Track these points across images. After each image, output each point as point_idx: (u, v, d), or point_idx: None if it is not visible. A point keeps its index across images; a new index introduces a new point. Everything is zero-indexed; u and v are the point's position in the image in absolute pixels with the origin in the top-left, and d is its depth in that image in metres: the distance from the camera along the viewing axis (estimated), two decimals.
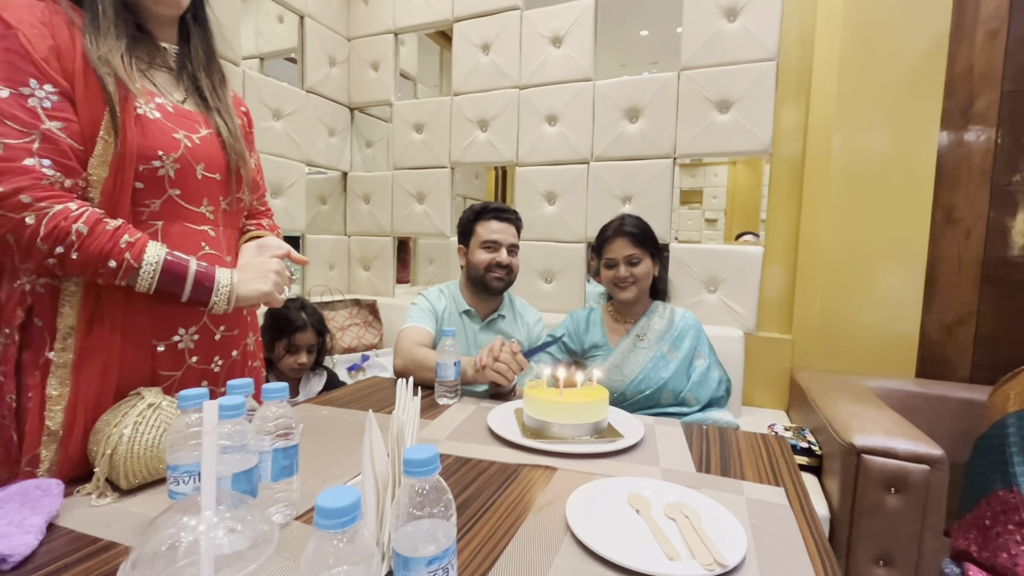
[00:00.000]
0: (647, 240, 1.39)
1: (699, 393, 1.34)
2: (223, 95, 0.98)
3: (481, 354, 1.14)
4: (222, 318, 0.90)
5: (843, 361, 1.76)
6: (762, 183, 4.66)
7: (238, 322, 0.95)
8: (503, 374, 1.10)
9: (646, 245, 1.38)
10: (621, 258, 1.37)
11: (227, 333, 0.92)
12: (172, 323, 0.84)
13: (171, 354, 0.84)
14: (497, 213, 1.45)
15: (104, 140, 0.75)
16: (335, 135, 2.50)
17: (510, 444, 0.88)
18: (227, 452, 0.56)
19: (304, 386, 1.59)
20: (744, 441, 0.96)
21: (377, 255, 2.54)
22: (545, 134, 2.13)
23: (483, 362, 1.13)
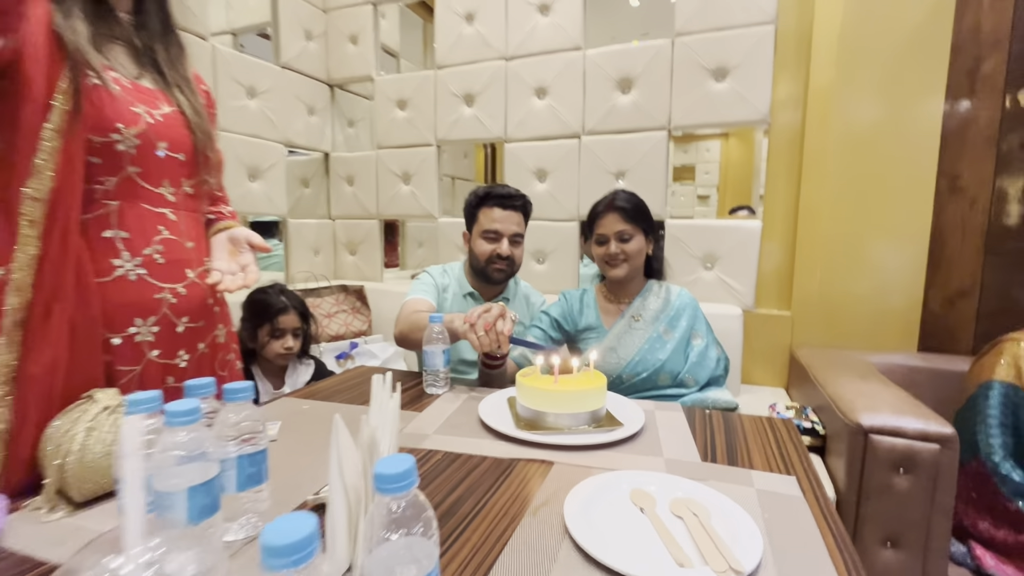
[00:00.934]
0: (639, 215, 1.32)
1: (697, 374, 1.29)
2: (183, 69, 0.91)
3: (473, 313, 1.05)
4: (184, 307, 0.84)
5: (844, 337, 1.72)
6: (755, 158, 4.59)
7: (204, 313, 0.89)
8: (481, 343, 1.02)
9: (638, 221, 1.32)
10: (612, 234, 1.31)
11: (191, 324, 0.86)
12: (126, 313, 0.78)
13: (128, 348, 0.78)
14: (501, 200, 1.37)
15: (60, 107, 0.70)
16: (315, 114, 2.39)
17: (503, 437, 0.83)
18: (183, 462, 0.50)
19: (291, 376, 1.52)
20: (750, 426, 0.91)
21: (363, 239, 2.46)
22: (534, 108, 2.04)
23: (472, 319, 1.04)
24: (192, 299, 0.86)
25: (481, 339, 1.02)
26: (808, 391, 1.45)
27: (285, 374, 1.52)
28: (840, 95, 1.68)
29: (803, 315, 1.76)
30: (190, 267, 0.86)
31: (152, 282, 0.80)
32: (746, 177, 4.78)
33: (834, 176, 1.70)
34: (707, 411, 0.98)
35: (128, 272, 0.78)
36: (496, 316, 1.03)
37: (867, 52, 1.66)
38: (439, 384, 1.08)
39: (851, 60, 1.67)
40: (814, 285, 1.74)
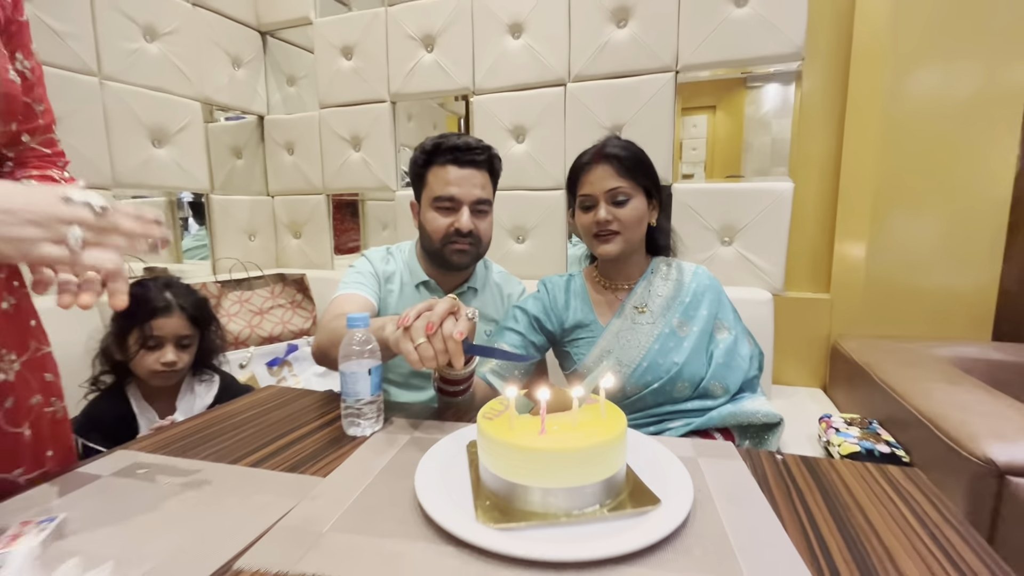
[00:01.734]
0: (639, 169, 0.96)
1: (727, 378, 0.95)
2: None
3: (408, 314, 0.66)
4: None
5: (896, 324, 1.39)
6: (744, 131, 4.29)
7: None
8: (422, 357, 0.65)
9: (637, 176, 0.96)
10: (602, 194, 0.95)
11: None
12: None
13: None
14: (457, 155, 1.00)
15: None
16: (242, 67, 1.96)
17: (455, 541, 0.46)
18: None
19: (184, 400, 1.13)
20: (857, 484, 0.57)
21: (308, 219, 2.05)
22: (508, 50, 1.65)
23: (406, 322, 0.66)
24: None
25: (421, 351, 0.64)
26: (868, 397, 1.12)
27: (176, 396, 1.13)
28: (900, 41, 1.33)
29: (846, 299, 1.43)
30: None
31: None
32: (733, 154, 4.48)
33: (888, 134, 1.35)
34: (780, 459, 0.63)
35: None
36: (442, 314, 0.66)
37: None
38: (363, 421, 0.70)
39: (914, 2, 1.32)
40: (859, 263, 1.41)
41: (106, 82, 1.48)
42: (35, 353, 0.67)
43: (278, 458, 0.64)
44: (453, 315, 0.67)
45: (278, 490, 0.56)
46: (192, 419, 0.79)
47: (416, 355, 0.64)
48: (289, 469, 0.61)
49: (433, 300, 0.69)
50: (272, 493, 0.55)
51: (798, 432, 1.19)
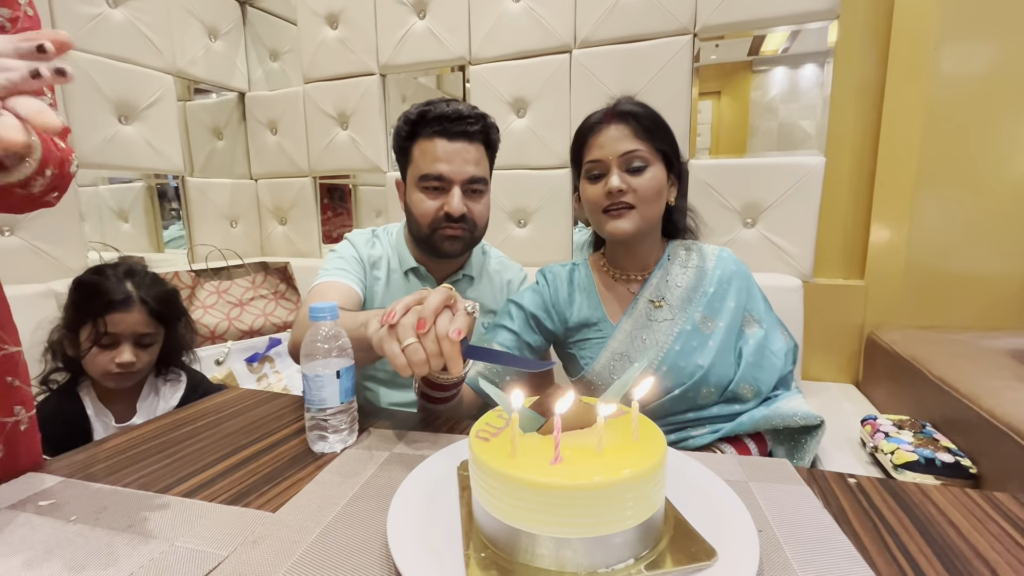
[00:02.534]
0: (658, 131, 0.82)
1: (758, 380, 0.81)
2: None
3: (395, 308, 0.54)
4: None
5: (939, 313, 1.26)
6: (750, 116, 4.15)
7: None
8: (411, 362, 0.52)
9: (655, 139, 0.81)
10: (615, 158, 0.80)
11: None
12: None
13: None
14: (445, 124, 0.85)
15: None
16: (219, 38, 1.81)
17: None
18: None
19: (146, 402, 1.00)
20: (961, 516, 0.44)
21: (294, 203, 1.91)
22: (507, 13, 1.50)
23: (392, 318, 0.53)
24: None
25: (410, 353, 0.51)
26: (917, 395, 0.99)
27: (137, 398, 1.00)
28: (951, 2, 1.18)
29: (882, 285, 1.29)
30: None
31: None
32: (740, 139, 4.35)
33: (933, 104, 1.21)
34: (854, 482, 0.50)
35: None
36: (436, 309, 0.53)
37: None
38: (331, 435, 0.57)
39: None
40: (898, 245, 1.27)
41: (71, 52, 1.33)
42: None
43: (221, 484, 0.51)
44: (449, 309, 0.54)
45: (212, 531, 0.43)
46: (128, 432, 0.66)
47: (403, 359, 0.51)
48: (231, 500, 0.48)
49: (424, 292, 0.55)
50: (203, 536, 0.42)
51: (835, 434, 1.06)
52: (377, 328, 0.55)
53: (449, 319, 0.53)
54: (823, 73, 1.32)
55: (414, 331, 0.52)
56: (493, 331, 0.90)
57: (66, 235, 1.33)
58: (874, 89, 1.28)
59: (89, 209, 1.91)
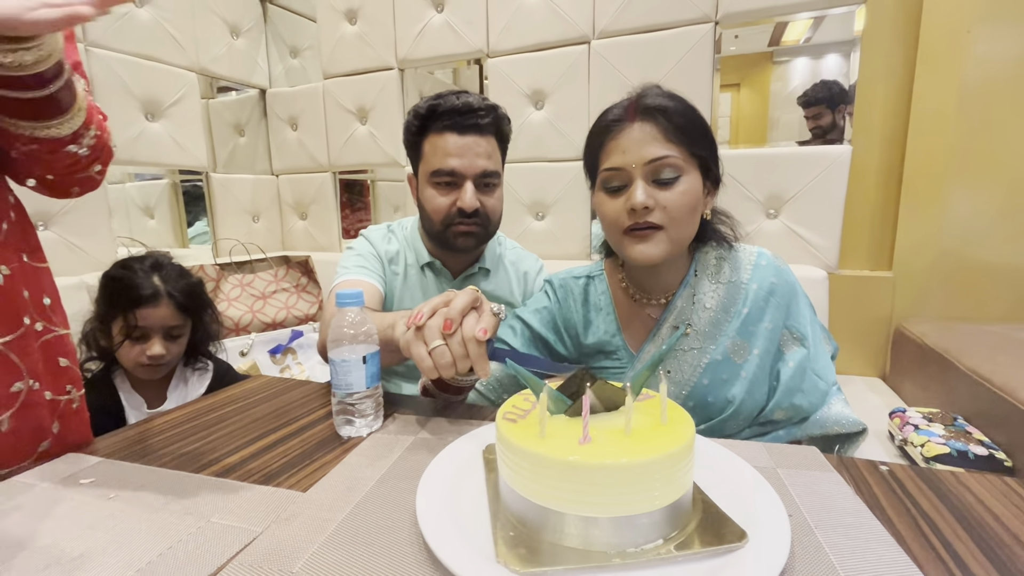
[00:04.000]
0: (695, 130, 0.67)
1: (798, 406, 0.71)
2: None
3: (422, 310, 0.54)
4: None
5: (970, 304, 1.23)
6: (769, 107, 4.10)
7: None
8: (437, 364, 0.52)
9: (693, 141, 0.66)
10: (640, 166, 0.65)
11: None
12: None
13: None
14: (456, 118, 0.83)
15: None
16: (241, 36, 1.84)
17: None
18: None
19: (176, 390, 1.03)
20: (996, 502, 0.43)
21: (314, 198, 1.94)
22: (525, 5, 1.49)
23: (419, 320, 0.53)
24: None
25: (436, 355, 0.52)
26: (948, 388, 0.97)
27: (168, 386, 1.03)
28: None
29: (911, 276, 1.26)
30: None
31: None
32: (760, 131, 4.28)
33: (965, 89, 1.17)
34: (886, 469, 0.49)
35: None
36: (462, 310, 0.53)
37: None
38: (358, 419, 0.58)
39: None
40: (929, 235, 1.24)
41: (91, 49, 1.37)
42: (43, 335, 0.58)
43: (252, 465, 0.53)
44: (475, 310, 0.54)
45: (245, 508, 0.44)
46: (163, 415, 0.68)
47: (430, 361, 0.52)
48: (263, 480, 0.49)
49: (451, 293, 0.55)
50: (237, 513, 0.44)
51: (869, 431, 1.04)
52: (404, 330, 0.55)
53: (475, 320, 0.53)
54: (847, 63, 1.29)
55: (441, 333, 0.52)
56: None
57: (96, 230, 1.37)
58: (903, 75, 1.25)
59: (117, 205, 1.95)
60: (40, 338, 0.58)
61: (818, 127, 1.36)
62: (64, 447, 0.58)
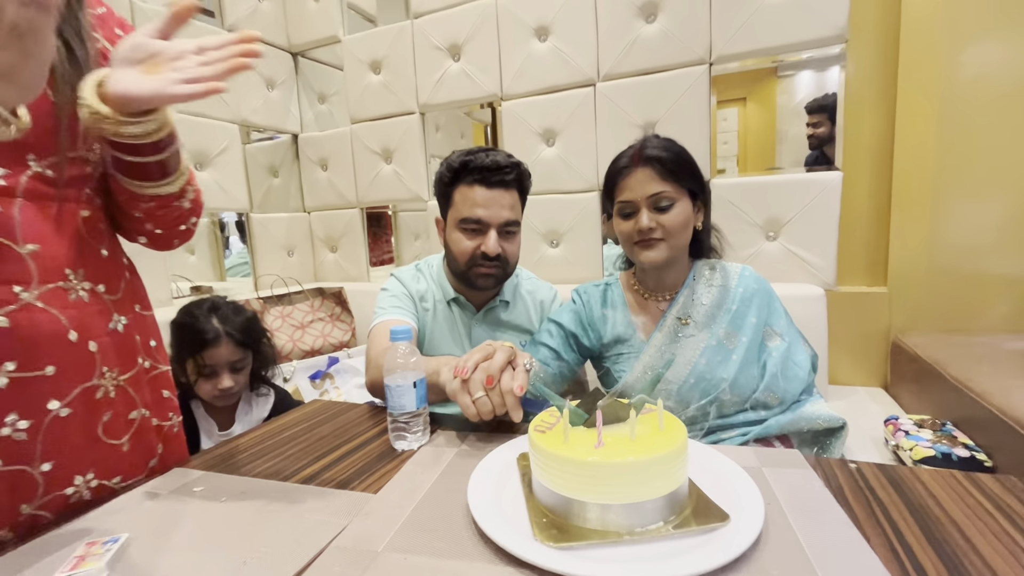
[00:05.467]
0: (683, 170, 0.90)
1: (782, 389, 0.88)
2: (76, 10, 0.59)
3: (467, 362, 0.67)
4: (3, 347, 0.53)
5: (962, 317, 1.30)
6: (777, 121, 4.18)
7: (52, 352, 0.57)
8: (480, 412, 0.66)
9: (681, 178, 0.89)
10: (643, 199, 0.89)
11: (23, 374, 0.55)
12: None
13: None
14: (485, 175, 0.95)
15: None
16: (275, 88, 2.02)
17: (513, 560, 0.45)
18: None
19: (243, 415, 1.16)
20: (946, 495, 0.52)
21: (344, 232, 2.09)
22: (535, 53, 1.64)
23: (465, 372, 0.66)
24: (24, 333, 0.54)
25: (479, 405, 0.65)
26: (938, 396, 1.05)
27: (236, 410, 1.16)
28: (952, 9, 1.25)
29: (905, 291, 1.34)
30: (23, 283, 0.55)
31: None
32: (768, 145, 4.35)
33: (945, 108, 1.27)
34: (854, 467, 0.59)
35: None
36: (501, 366, 0.65)
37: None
38: (411, 434, 0.70)
39: None
40: (919, 252, 1.32)
41: None
42: (150, 372, 0.70)
43: (328, 474, 0.64)
44: (511, 364, 0.66)
45: (331, 508, 0.56)
46: (242, 435, 0.80)
47: (474, 409, 0.65)
48: (339, 486, 0.61)
49: (490, 347, 0.68)
50: (325, 511, 0.55)
51: (861, 435, 1.12)
52: (450, 378, 0.68)
53: (511, 376, 0.65)
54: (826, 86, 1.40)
55: (483, 386, 0.64)
56: (533, 347, 1.00)
57: (153, 268, 1.52)
58: (887, 101, 1.35)
59: None
60: (148, 374, 0.71)
61: (815, 136, 1.47)
62: (167, 465, 0.70)
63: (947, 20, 1.25)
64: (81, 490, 0.60)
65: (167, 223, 0.70)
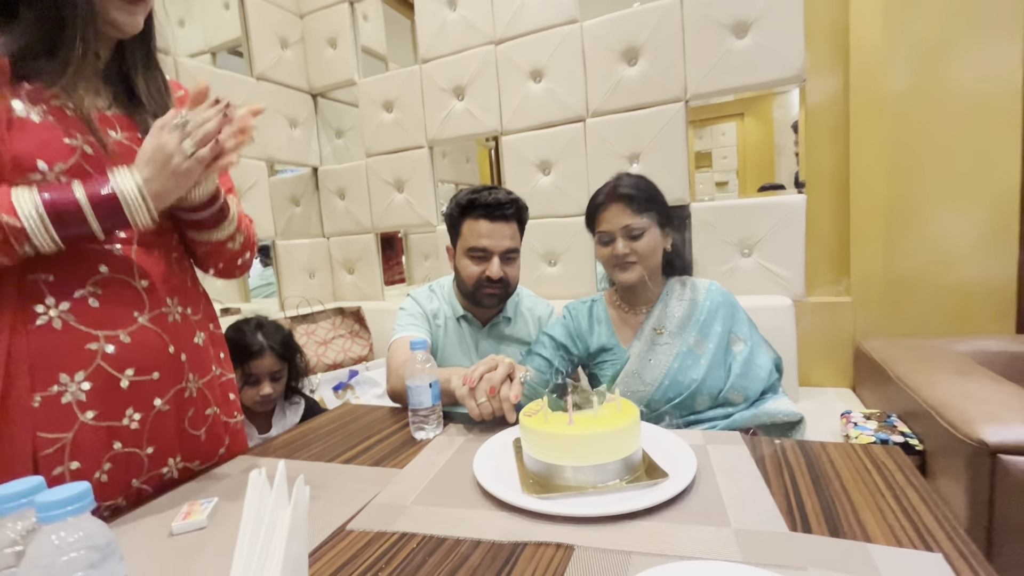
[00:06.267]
0: (650, 203, 1.06)
1: (746, 388, 1.03)
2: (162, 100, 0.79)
3: (474, 373, 0.85)
4: (129, 358, 0.69)
5: (919, 322, 1.44)
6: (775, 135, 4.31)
7: (159, 361, 0.73)
8: (483, 413, 0.84)
9: (650, 210, 1.06)
10: (617, 230, 1.05)
11: (139, 378, 0.71)
12: (50, 368, 0.65)
13: (53, 410, 0.65)
14: (488, 211, 1.12)
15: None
16: (298, 126, 2.23)
17: (506, 506, 0.61)
18: None
19: (278, 420, 1.33)
20: (841, 460, 0.67)
21: (360, 256, 2.27)
22: (531, 93, 1.83)
23: (472, 382, 0.84)
24: (140, 348, 0.71)
25: (483, 408, 0.83)
26: (887, 393, 1.19)
27: (272, 417, 1.33)
28: (892, 46, 1.42)
29: (866, 300, 1.49)
30: (139, 309, 0.71)
31: (82, 329, 0.67)
32: (767, 158, 4.48)
33: (890, 138, 1.44)
34: (777, 441, 0.74)
35: (53, 319, 0.65)
36: (502, 379, 0.83)
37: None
38: (428, 426, 0.86)
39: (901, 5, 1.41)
40: (877, 265, 1.47)
41: None
42: (220, 378, 0.86)
43: (362, 457, 0.80)
44: (509, 377, 0.84)
45: (368, 479, 0.72)
46: (289, 431, 0.97)
47: (479, 411, 0.83)
48: (373, 464, 0.77)
49: (493, 360, 0.85)
50: (364, 481, 0.71)
51: (823, 428, 1.26)
52: (459, 385, 0.86)
53: (508, 387, 0.83)
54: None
55: (486, 394, 0.82)
56: (530, 356, 1.16)
57: None
58: (842, 131, 1.51)
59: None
60: (219, 380, 0.88)
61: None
62: (232, 454, 0.87)
63: (887, 49, 1.42)
64: (172, 470, 0.77)
65: (225, 260, 0.87)
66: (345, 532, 0.59)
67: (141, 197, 0.63)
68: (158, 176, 0.63)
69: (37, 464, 0.65)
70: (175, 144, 0.63)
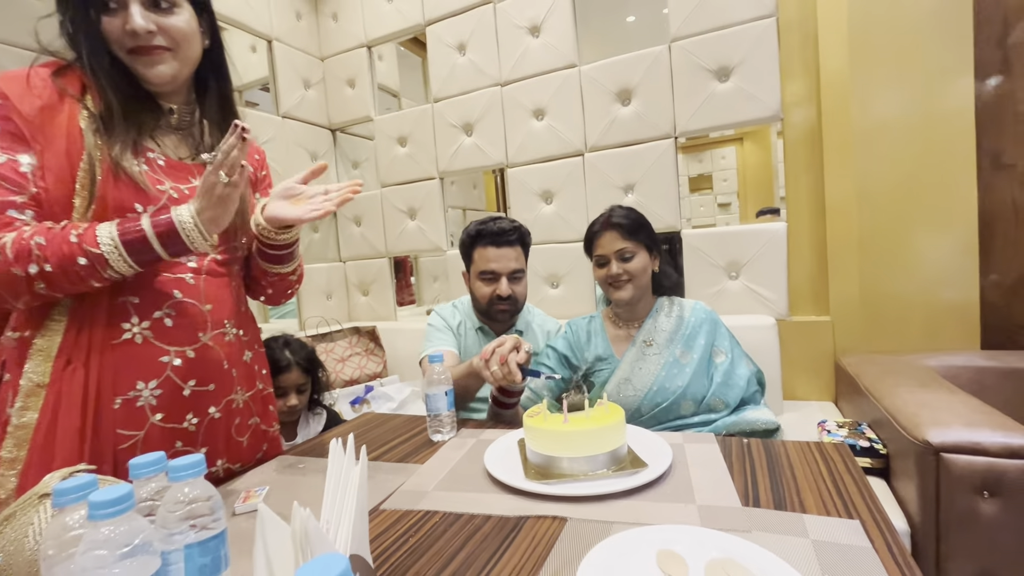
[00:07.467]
0: (639, 231, 1.22)
1: (726, 395, 1.16)
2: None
3: (486, 350, 1.00)
4: (192, 371, 0.82)
5: (893, 339, 1.56)
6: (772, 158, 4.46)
7: (216, 375, 0.86)
8: (494, 376, 0.98)
9: (638, 237, 1.22)
10: (611, 254, 1.21)
11: (199, 388, 0.83)
12: (129, 375, 0.78)
13: (130, 411, 0.77)
14: (494, 238, 1.31)
15: (81, 195, 0.74)
16: (317, 159, 2.40)
17: (510, 489, 0.73)
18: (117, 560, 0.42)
19: (302, 429, 1.45)
20: (797, 455, 0.79)
21: (374, 278, 2.42)
22: (533, 130, 1.99)
23: (486, 355, 0.99)
24: (201, 362, 0.84)
25: (494, 373, 0.97)
26: (861, 404, 1.30)
27: (297, 426, 1.45)
28: (856, 83, 1.57)
29: (845, 319, 1.61)
30: (203, 330, 0.85)
31: (158, 344, 0.80)
32: (766, 179, 4.63)
33: (860, 169, 1.58)
34: (745, 441, 0.86)
35: (135, 335, 0.78)
36: (510, 348, 0.98)
37: (881, 36, 1.55)
38: (444, 429, 0.99)
39: (864, 45, 1.56)
40: (853, 286, 1.60)
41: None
42: (262, 392, 0.99)
43: (387, 455, 0.93)
44: (516, 349, 0.98)
45: (394, 472, 0.84)
46: (308, 441, 1.09)
47: (491, 376, 0.98)
48: (397, 461, 0.90)
49: (504, 338, 1.00)
50: (391, 473, 0.84)
51: (802, 437, 1.37)
52: (479, 361, 1.01)
53: (515, 355, 0.96)
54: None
55: (498, 362, 0.96)
56: (537, 367, 1.30)
57: None
58: (816, 163, 1.65)
59: None
60: (261, 393, 1.00)
61: None
62: (269, 457, 0.99)
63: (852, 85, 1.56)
64: (219, 470, 0.89)
65: (280, 289, 1.02)
66: (379, 511, 0.71)
67: (194, 223, 0.73)
68: (209, 206, 0.74)
69: (116, 457, 0.78)
70: (216, 176, 0.74)
